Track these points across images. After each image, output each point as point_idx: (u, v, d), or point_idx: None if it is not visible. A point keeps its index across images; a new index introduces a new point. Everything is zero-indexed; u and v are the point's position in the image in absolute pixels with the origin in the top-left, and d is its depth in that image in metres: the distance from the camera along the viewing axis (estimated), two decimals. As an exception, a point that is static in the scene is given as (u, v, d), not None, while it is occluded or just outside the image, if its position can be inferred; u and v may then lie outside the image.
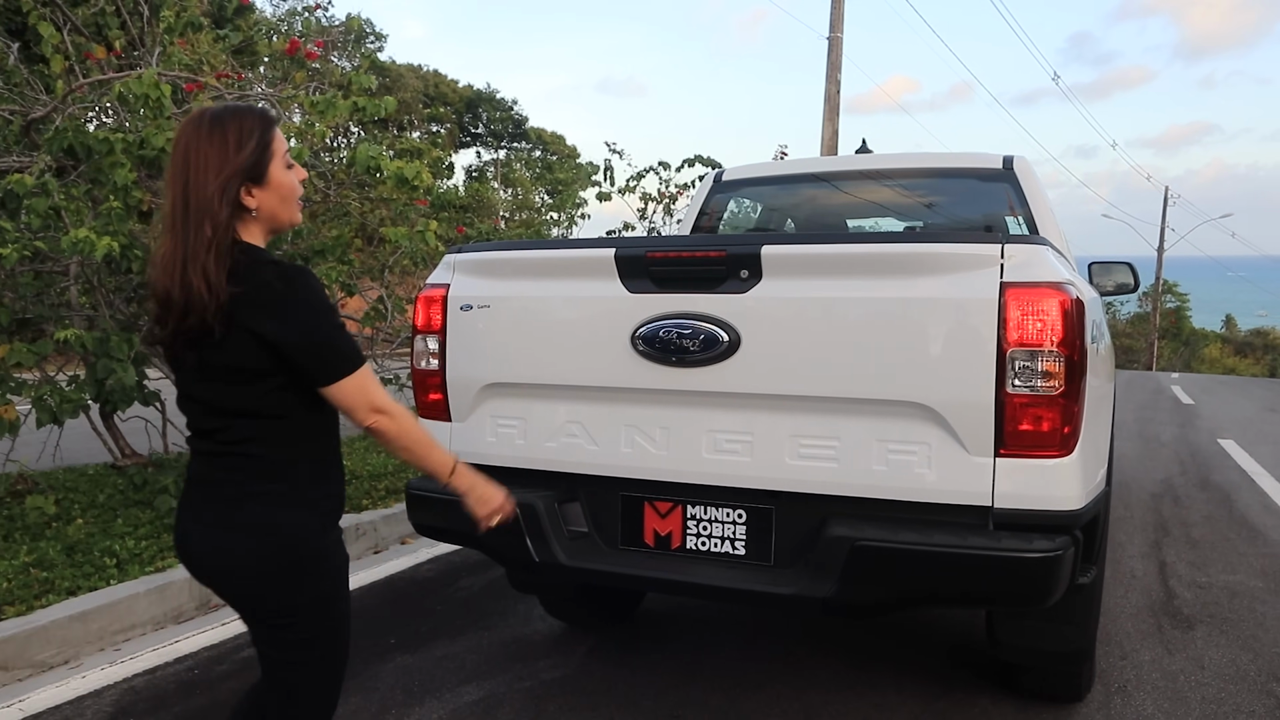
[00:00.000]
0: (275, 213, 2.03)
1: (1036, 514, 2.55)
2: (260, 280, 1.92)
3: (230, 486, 2.01)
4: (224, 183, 1.92)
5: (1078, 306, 2.55)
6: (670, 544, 2.96)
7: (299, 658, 2.08)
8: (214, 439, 2.04)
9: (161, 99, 4.86)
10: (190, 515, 2.07)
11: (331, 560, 2.10)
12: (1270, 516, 6.68)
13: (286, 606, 2.03)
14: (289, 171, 2.05)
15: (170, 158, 2.00)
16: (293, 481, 2.02)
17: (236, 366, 1.95)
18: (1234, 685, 3.72)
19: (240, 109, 2.02)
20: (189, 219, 1.91)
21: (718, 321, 2.78)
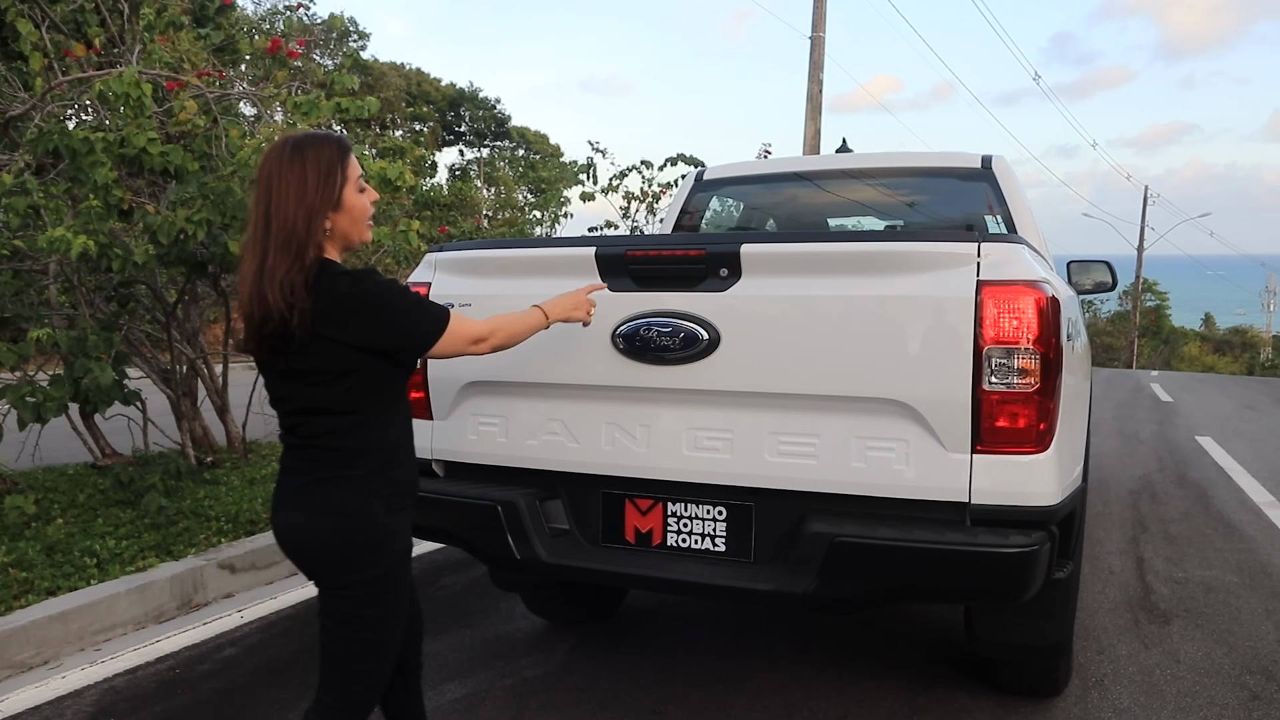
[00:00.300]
0: (348, 233, 2.25)
1: (1013, 510, 2.58)
2: (337, 293, 2.14)
3: (308, 474, 2.25)
4: (304, 211, 2.13)
5: (1053, 305, 2.58)
6: (651, 541, 2.98)
7: (349, 632, 2.28)
8: (296, 434, 2.28)
9: (142, 98, 4.84)
10: (280, 498, 2.32)
11: (392, 544, 2.30)
12: (1246, 512, 6.75)
13: (347, 582, 2.24)
14: (360, 195, 2.26)
15: (256, 182, 2.23)
16: (362, 470, 2.24)
17: (318, 369, 2.18)
18: (1208, 678, 3.76)
19: (319, 138, 2.22)
20: (270, 241, 2.13)
21: (697, 320, 2.80)
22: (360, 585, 2.24)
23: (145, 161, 4.98)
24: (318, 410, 2.23)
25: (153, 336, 6.80)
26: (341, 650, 2.30)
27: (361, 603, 2.26)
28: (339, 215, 2.20)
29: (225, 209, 5.05)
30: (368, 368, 2.21)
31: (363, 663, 2.30)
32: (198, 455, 6.71)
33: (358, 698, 2.34)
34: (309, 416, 2.24)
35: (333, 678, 2.33)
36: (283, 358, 2.20)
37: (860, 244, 2.74)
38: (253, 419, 7.42)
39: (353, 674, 2.31)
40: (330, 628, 2.31)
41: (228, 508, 5.59)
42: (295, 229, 2.12)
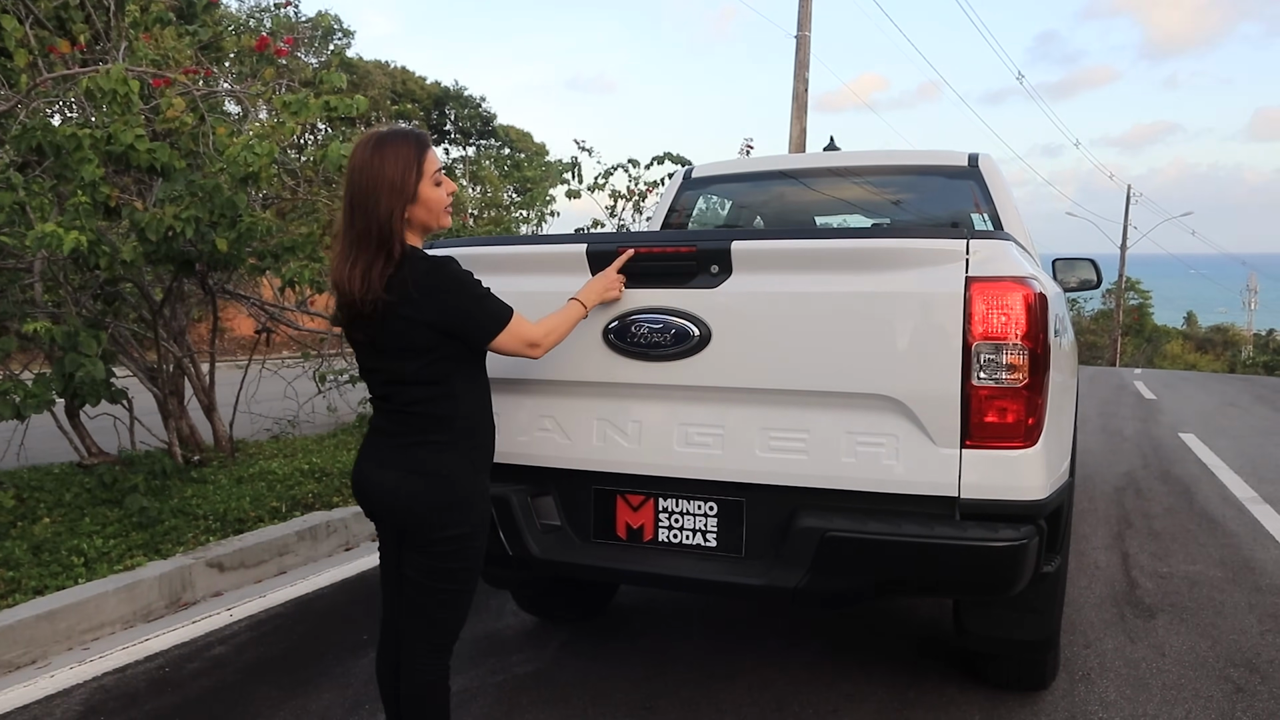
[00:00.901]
0: (425, 221, 2.46)
1: (1002, 504, 2.60)
2: (415, 275, 2.36)
3: (403, 437, 2.47)
4: (384, 205, 2.34)
5: (1041, 301, 2.60)
6: (642, 536, 2.99)
7: (439, 585, 2.51)
8: (390, 401, 2.50)
9: (129, 94, 4.82)
10: (370, 458, 2.53)
11: (479, 503, 2.53)
12: (1229, 508, 6.81)
13: (436, 537, 2.46)
14: (437, 188, 2.45)
15: (346, 173, 2.47)
16: (451, 434, 2.47)
17: (404, 345, 2.40)
18: (1193, 671, 3.80)
19: (399, 134, 2.43)
20: (352, 231, 2.38)
21: (689, 316, 2.81)
22: (448, 541, 2.47)
23: (132, 159, 4.96)
24: (406, 381, 2.44)
25: (139, 335, 6.77)
26: (426, 600, 2.53)
27: (448, 557, 2.48)
28: (416, 207, 2.41)
29: (214, 207, 5.04)
30: (445, 346, 2.42)
31: (446, 611, 2.54)
32: (185, 454, 6.69)
33: (438, 642, 2.56)
34: (399, 387, 2.46)
35: (416, 624, 2.56)
36: (374, 334, 2.41)
37: (850, 241, 2.76)
38: (240, 418, 7.42)
39: (435, 621, 2.54)
40: (417, 580, 2.52)
41: (215, 506, 5.58)
42: (374, 221, 2.34)
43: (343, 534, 5.63)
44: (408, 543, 2.52)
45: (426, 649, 2.57)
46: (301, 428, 8.46)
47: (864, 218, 5.41)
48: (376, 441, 2.54)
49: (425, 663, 2.57)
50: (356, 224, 2.37)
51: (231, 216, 5.09)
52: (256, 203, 5.96)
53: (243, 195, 5.04)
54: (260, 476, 6.42)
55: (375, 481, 2.51)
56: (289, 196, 6.39)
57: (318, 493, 6.08)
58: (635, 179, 10.38)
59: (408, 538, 2.52)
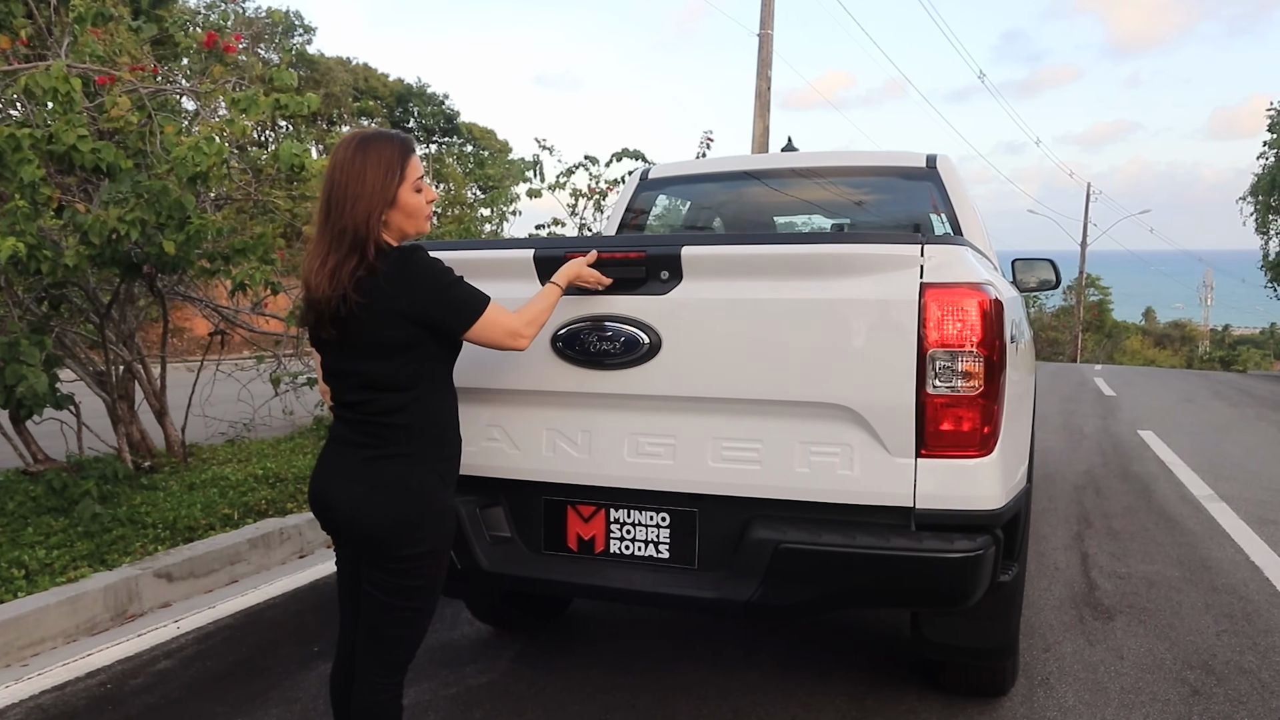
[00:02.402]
0: (402, 227, 2.40)
1: (958, 514, 2.57)
2: (385, 269, 2.30)
3: (369, 448, 2.38)
4: (362, 207, 2.28)
5: (997, 307, 2.57)
6: (594, 548, 2.93)
7: (401, 603, 2.42)
8: (356, 409, 2.41)
9: (71, 92, 4.68)
10: (333, 470, 2.44)
11: (445, 520, 2.46)
12: (1186, 506, 6.85)
13: (402, 555, 2.37)
14: (417, 195, 2.39)
15: (326, 170, 2.39)
16: (419, 446, 2.39)
17: (376, 344, 2.33)
18: (1150, 675, 3.79)
19: (383, 137, 2.37)
20: (328, 231, 2.31)
21: (638, 323, 2.75)
22: (411, 559, 2.38)
23: (76, 159, 4.82)
24: (376, 386, 2.36)
25: (88, 338, 6.61)
26: (384, 618, 2.44)
27: (410, 574, 2.40)
28: (395, 212, 2.35)
29: (161, 208, 4.90)
30: (418, 344, 2.35)
31: (404, 629, 2.47)
32: (135, 460, 6.54)
33: (393, 660, 2.49)
34: (368, 393, 2.37)
35: (372, 641, 2.48)
36: (345, 333, 2.33)
37: (803, 246, 2.70)
38: (193, 421, 7.26)
39: (392, 639, 2.47)
40: (376, 597, 2.43)
41: (166, 514, 5.45)
42: (351, 223, 2.28)
43: (296, 541, 5.52)
44: (368, 559, 2.44)
45: (381, 667, 2.49)
46: (258, 431, 8.32)
47: (824, 219, 5.38)
48: (340, 452, 2.45)
49: (379, 680, 2.49)
50: (332, 223, 2.31)
51: (180, 218, 4.96)
52: (208, 203, 5.82)
53: (191, 196, 4.90)
54: (213, 482, 6.29)
55: (339, 496, 2.42)
56: (240, 198, 6.25)
57: (271, 499, 5.97)
58: (596, 177, 10.31)
59: (369, 554, 2.43)
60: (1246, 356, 46.12)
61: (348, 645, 2.62)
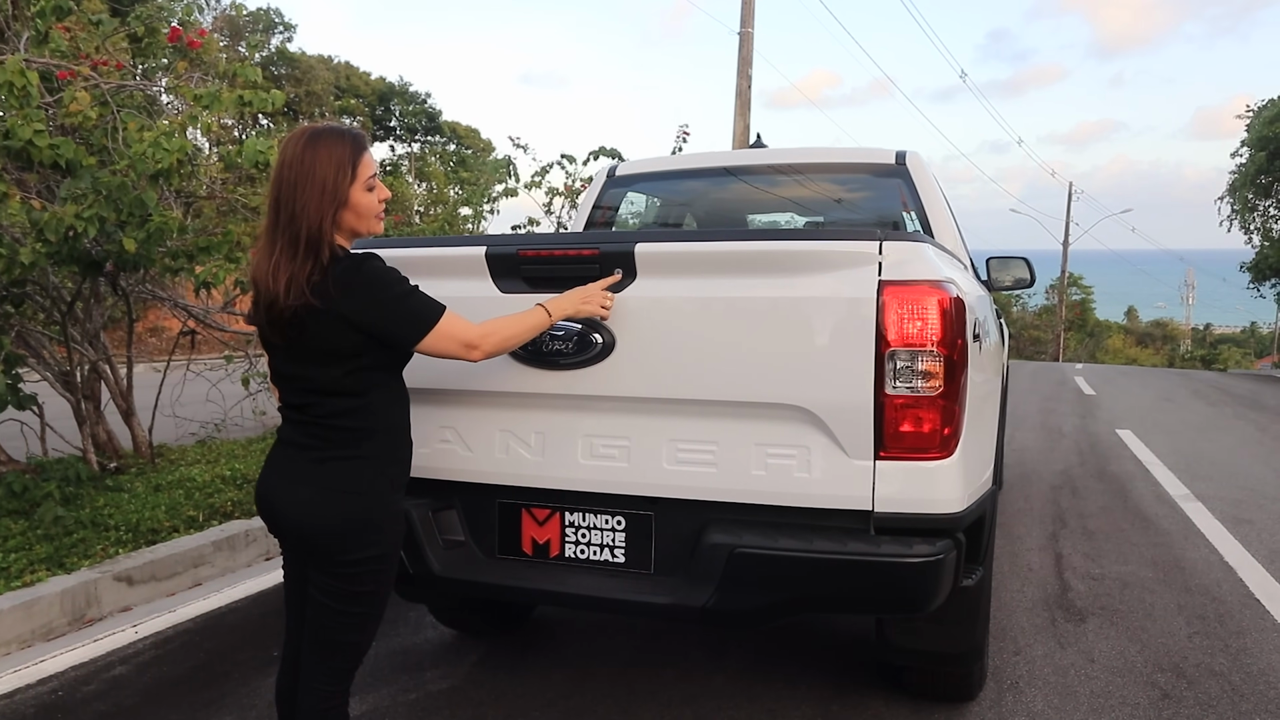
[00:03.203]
0: (354, 227, 2.32)
1: (917, 517, 2.51)
2: (336, 272, 2.21)
3: (315, 450, 2.31)
4: (312, 207, 2.20)
5: (958, 305, 2.51)
6: (549, 552, 2.86)
7: (349, 609, 2.35)
8: (304, 412, 2.34)
9: (28, 87, 4.58)
10: (279, 473, 2.37)
11: (393, 523, 2.38)
12: (1162, 506, 6.83)
13: (351, 559, 2.30)
14: (369, 194, 2.30)
15: (274, 167, 2.30)
16: (369, 449, 2.32)
17: (326, 350, 2.25)
18: (1121, 678, 3.75)
19: (335, 131, 2.28)
20: (277, 232, 2.22)
21: (591, 323, 2.69)
22: (359, 563, 2.31)
23: (34, 155, 4.72)
24: (325, 391, 2.29)
25: (54, 337, 6.50)
26: (331, 623, 2.37)
27: (358, 579, 2.33)
28: (346, 212, 2.27)
29: (121, 205, 4.81)
30: (369, 352, 2.28)
31: (352, 634, 2.39)
32: (101, 461, 6.44)
33: (340, 667, 2.42)
34: (317, 397, 2.31)
35: (319, 648, 2.40)
36: (295, 337, 2.26)
37: (758, 244, 2.63)
38: (161, 421, 7.16)
39: (339, 645, 2.39)
40: (322, 602, 2.36)
41: (129, 516, 5.36)
42: (304, 226, 2.19)
43: (263, 543, 5.43)
44: (315, 563, 2.37)
45: (327, 674, 2.41)
46: (229, 431, 8.22)
47: (796, 216, 5.33)
48: (287, 454, 2.38)
49: (324, 687, 2.42)
50: (283, 225, 2.22)
51: (141, 215, 4.87)
52: (172, 200, 5.72)
53: (152, 193, 4.81)
54: (179, 484, 6.19)
55: (285, 499, 2.34)
56: (205, 196, 6.15)
57: (238, 500, 5.88)
58: (572, 176, 10.24)
59: (315, 558, 2.36)
60: (1227, 355, 46.43)
61: (293, 651, 2.55)
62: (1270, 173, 27.34)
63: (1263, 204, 28.71)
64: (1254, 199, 28.48)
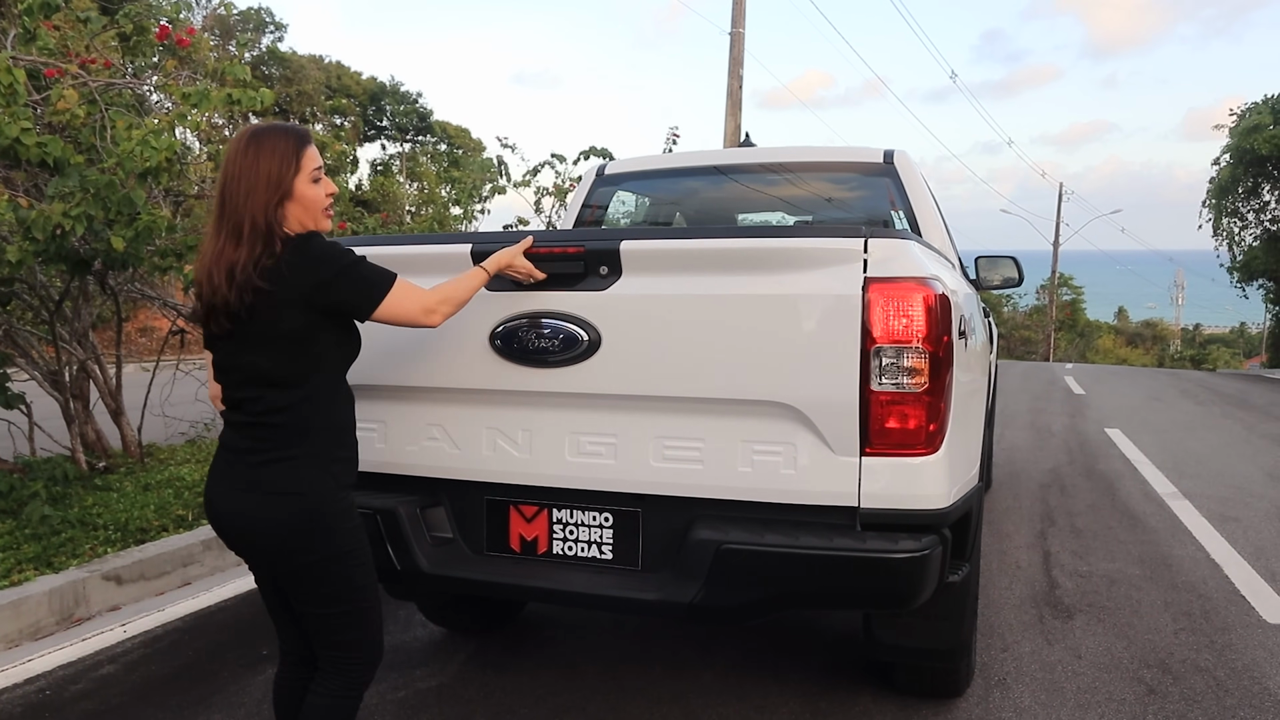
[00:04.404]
0: (300, 219, 2.29)
1: (903, 513, 2.52)
2: (284, 257, 2.20)
3: (257, 453, 2.26)
4: (255, 200, 2.19)
5: (943, 302, 2.52)
6: (537, 549, 2.86)
7: (330, 610, 2.32)
8: (244, 410, 2.29)
9: (14, 85, 4.57)
10: (220, 479, 2.32)
11: (346, 519, 2.32)
12: (1150, 504, 6.86)
13: (306, 562, 2.26)
14: (315, 186, 2.29)
15: (220, 167, 2.31)
16: (310, 446, 2.27)
17: (274, 334, 2.22)
18: (1107, 674, 3.77)
19: (277, 129, 2.29)
20: (225, 221, 2.22)
21: (577, 320, 2.69)
22: (319, 564, 2.27)
23: (21, 153, 4.71)
24: (266, 382, 2.25)
25: (44, 337, 6.49)
26: (325, 627, 2.35)
27: (326, 580, 2.29)
28: (292, 204, 2.26)
29: (109, 204, 4.80)
30: (314, 334, 2.25)
31: (353, 631, 2.36)
32: (90, 460, 6.42)
33: (355, 668, 2.40)
34: (255, 390, 2.26)
35: (329, 651, 2.38)
36: (239, 326, 2.22)
37: (744, 241, 2.64)
38: (151, 421, 7.14)
39: (349, 643, 2.37)
40: (308, 610, 2.34)
41: (118, 515, 5.35)
42: (248, 215, 2.18)
43: (251, 543, 5.42)
44: (278, 573, 2.33)
45: (339, 674, 2.39)
46: (219, 430, 8.19)
47: (785, 215, 5.33)
48: (228, 460, 2.33)
49: (337, 688, 2.39)
50: (228, 217, 2.21)
51: (129, 213, 4.86)
52: (159, 199, 5.71)
53: (140, 192, 4.80)
54: (168, 483, 6.18)
55: (230, 507, 2.30)
56: (194, 194, 6.14)
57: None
58: (562, 175, 10.24)
59: (274, 566, 2.33)
60: (1216, 355, 46.63)
61: (290, 649, 2.54)
62: (1246, 185, 27.58)
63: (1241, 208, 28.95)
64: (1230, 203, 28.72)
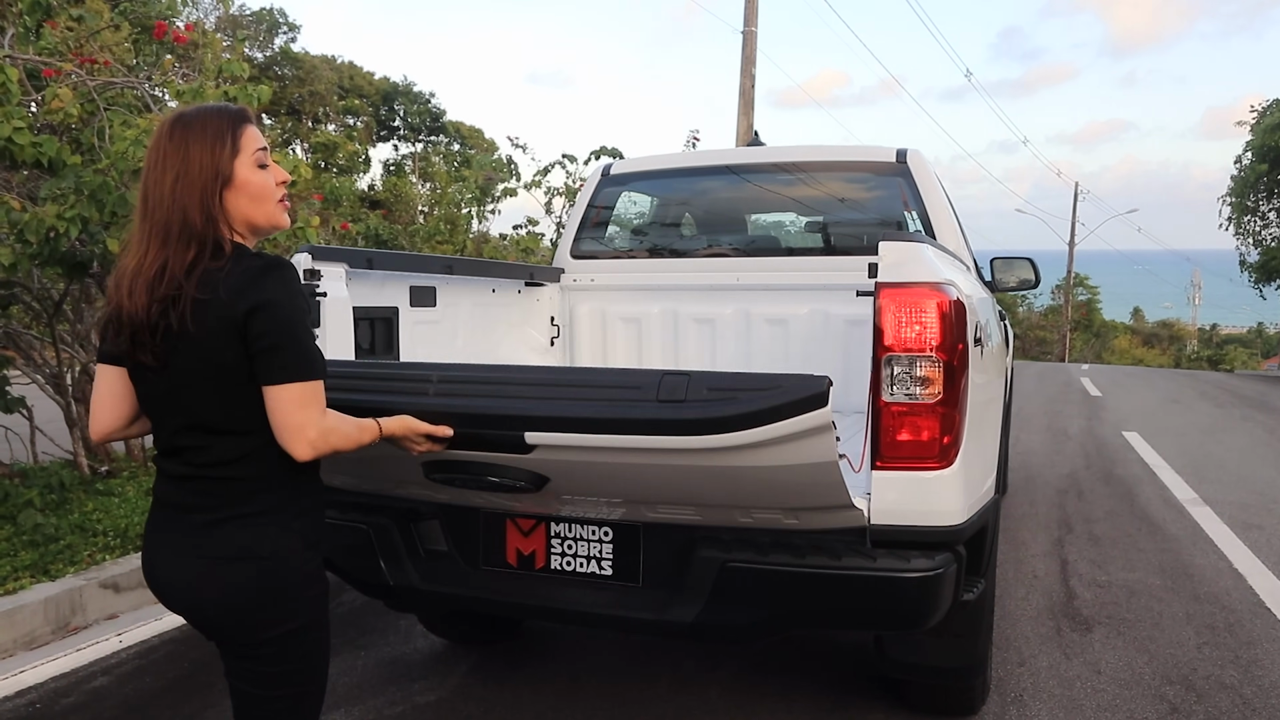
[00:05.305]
0: (249, 215, 1.90)
1: (915, 530, 2.40)
2: (243, 268, 1.81)
3: (202, 511, 1.88)
4: (186, 193, 1.81)
5: (958, 308, 2.40)
6: (534, 563, 2.75)
7: (274, 693, 1.95)
8: (183, 459, 1.90)
9: (7, 84, 4.49)
10: (159, 541, 1.94)
11: (311, 587, 1.95)
12: (1169, 510, 6.71)
13: (263, 638, 1.89)
14: (261, 172, 1.91)
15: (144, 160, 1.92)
16: (268, 502, 1.89)
17: (212, 370, 1.81)
18: (1128, 690, 3.64)
19: (208, 108, 1.91)
20: (146, 223, 1.83)
21: (510, 470, 2.37)
22: (278, 640, 1.90)
23: (15, 153, 4.63)
24: (214, 430, 1.86)
25: (44, 339, 6.42)
26: (261, 712, 1.96)
27: (281, 659, 1.92)
28: (233, 194, 1.87)
29: (104, 205, 4.71)
30: None
31: (289, 718, 1.98)
32: (92, 464, 6.35)
33: None
34: (203, 438, 1.87)
35: None
36: (170, 359, 1.82)
37: (681, 439, 2.16)
38: (154, 425, 7.07)
39: None
40: (245, 690, 1.95)
41: (118, 521, 5.27)
42: (178, 210, 1.80)
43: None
44: (226, 649, 1.95)
45: None
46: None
47: (796, 215, 5.21)
48: (168, 518, 1.93)
49: None
50: (149, 212, 1.83)
51: (125, 215, 4.77)
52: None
53: (135, 192, 4.71)
54: (170, 488, 6.09)
55: (172, 575, 1.91)
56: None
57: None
58: (572, 175, 10.15)
59: (223, 643, 1.95)
60: (1234, 356, 46.18)
61: None
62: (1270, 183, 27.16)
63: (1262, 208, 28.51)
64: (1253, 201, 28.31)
